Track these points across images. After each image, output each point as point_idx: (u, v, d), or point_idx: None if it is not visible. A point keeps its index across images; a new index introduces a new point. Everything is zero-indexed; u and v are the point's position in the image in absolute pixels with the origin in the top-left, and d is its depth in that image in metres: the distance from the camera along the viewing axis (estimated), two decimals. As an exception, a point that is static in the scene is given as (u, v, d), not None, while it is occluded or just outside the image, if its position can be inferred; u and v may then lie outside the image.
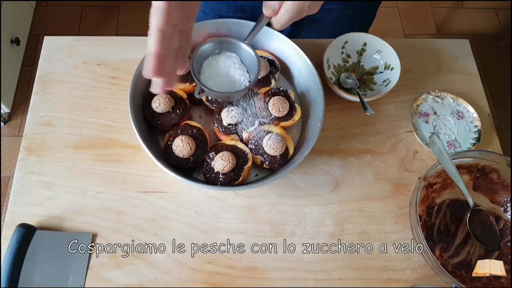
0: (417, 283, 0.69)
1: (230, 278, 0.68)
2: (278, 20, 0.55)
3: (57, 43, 0.85)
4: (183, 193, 0.73)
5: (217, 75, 0.64)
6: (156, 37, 0.49)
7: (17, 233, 0.66)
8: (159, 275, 0.67)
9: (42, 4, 1.98)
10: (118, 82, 0.81)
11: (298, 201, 0.74)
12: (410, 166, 0.78)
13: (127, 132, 0.77)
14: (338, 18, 0.90)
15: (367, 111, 0.75)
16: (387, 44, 0.81)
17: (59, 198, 0.72)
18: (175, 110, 0.72)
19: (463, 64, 0.88)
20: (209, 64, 0.64)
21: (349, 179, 0.76)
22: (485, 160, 0.72)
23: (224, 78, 0.64)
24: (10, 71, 1.71)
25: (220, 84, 0.63)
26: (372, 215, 0.73)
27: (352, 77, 0.83)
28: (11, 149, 1.66)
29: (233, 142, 0.71)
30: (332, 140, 0.79)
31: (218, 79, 0.63)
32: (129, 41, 0.86)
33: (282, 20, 0.54)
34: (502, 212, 0.73)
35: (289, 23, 0.55)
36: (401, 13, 2.08)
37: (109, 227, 0.70)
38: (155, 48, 0.49)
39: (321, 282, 0.68)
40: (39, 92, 0.80)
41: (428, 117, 0.81)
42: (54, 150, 0.75)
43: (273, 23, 0.56)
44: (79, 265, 0.67)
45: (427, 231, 0.71)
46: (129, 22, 1.93)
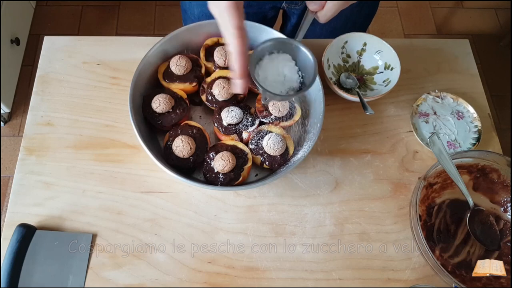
0: (417, 283, 0.69)
1: (230, 278, 0.68)
2: (324, 14, 0.56)
3: (57, 43, 0.85)
4: (183, 193, 0.73)
5: (272, 75, 0.62)
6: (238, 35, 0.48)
7: (17, 233, 0.66)
8: (159, 275, 0.67)
9: (42, 4, 1.99)
10: (118, 82, 0.81)
11: (298, 201, 0.74)
12: (410, 166, 0.78)
13: (127, 132, 0.77)
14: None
15: (367, 111, 0.75)
16: (387, 44, 0.81)
17: (59, 198, 0.72)
18: (175, 110, 0.72)
19: (463, 64, 0.88)
20: (264, 65, 0.62)
21: (349, 179, 0.76)
22: (485, 160, 0.72)
23: (278, 79, 0.62)
24: (10, 71, 1.71)
25: (274, 85, 0.61)
26: (372, 215, 0.73)
27: (352, 77, 0.83)
28: (11, 149, 1.66)
29: (233, 142, 0.71)
30: (332, 140, 0.79)
31: (272, 79, 0.62)
32: (129, 41, 0.86)
33: (329, 13, 0.56)
34: (502, 212, 0.73)
35: (335, 15, 0.56)
36: (401, 13, 2.08)
37: (109, 227, 0.70)
38: (240, 46, 0.49)
39: (321, 282, 0.68)
40: (39, 92, 0.80)
41: (428, 117, 0.81)
42: (54, 150, 0.75)
43: (319, 16, 0.57)
44: (79, 265, 0.67)
45: (427, 231, 0.71)
46: (129, 22, 1.93)
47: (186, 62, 0.74)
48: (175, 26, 0.74)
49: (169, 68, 0.75)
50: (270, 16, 0.94)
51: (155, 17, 1.94)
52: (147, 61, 0.73)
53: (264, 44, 0.59)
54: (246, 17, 0.52)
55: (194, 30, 0.77)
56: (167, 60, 0.76)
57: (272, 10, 0.92)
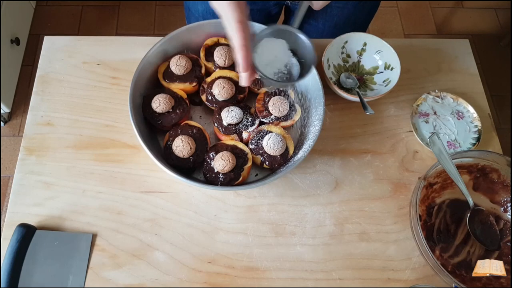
0: (417, 283, 0.69)
1: (230, 278, 0.68)
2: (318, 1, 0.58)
3: (57, 43, 0.85)
4: (183, 193, 0.73)
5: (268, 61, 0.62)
6: (240, 28, 0.49)
7: (17, 233, 0.66)
8: (159, 275, 0.67)
9: (42, 4, 1.98)
10: (118, 82, 0.81)
11: (298, 201, 0.74)
12: (410, 166, 0.78)
13: (127, 132, 0.77)
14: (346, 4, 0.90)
15: (367, 111, 0.75)
16: (387, 44, 0.81)
17: (59, 198, 0.72)
18: (175, 110, 0.72)
19: (463, 64, 0.88)
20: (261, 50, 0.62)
21: (349, 179, 0.76)
22: (485, 160, 0.72)
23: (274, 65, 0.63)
24: (10, 71, 1.71)
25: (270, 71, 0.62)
26: (372, 215, 0.73)
27: (352, 77, 0.83)
28: (11, 149, 1.66)
29: (233, 142, 0.71)
30: (332, 140, 0.79)
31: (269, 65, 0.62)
32: (129, 41, 0.86)
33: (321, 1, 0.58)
34: (502, 212, 0.73)
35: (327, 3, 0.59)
36: (401, 13, 2.08)
37: (109, 227, 0.70)
38: (242, 39, 0.50)
39: (321, 282, 0.68)
40: (39, 92, 0.80)
41: (428, 117, 0.81)
42: (54, 150, 0.75)
43: (313, 3, 0.59)
44: (79, 265, 0.67)
45: (427, 231, 0.71)
46: (129, 22, 1.93)
47: (186, 62, 0.74)
48: (175, 26, 0.74)
49: (169, 68, 0.75)
50: (274, 12, 0.95)
51: (155, 17, 1.94)
52: (147, 61, 0.73)
53: (262, 33, 0.59)
54: (251, 13, 0.53)
55: (194, 30, 0.77)
56: (167, 60, 0.76)
57: (276, 7, 0.93)
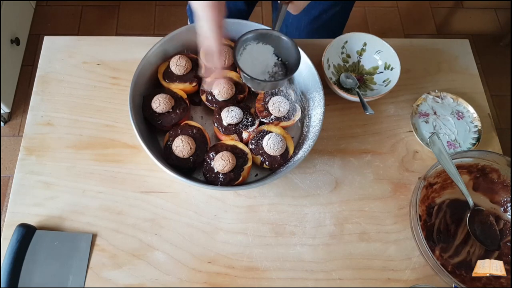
0: (417, 283, 0.69)
1: (230, 278, 0.68)
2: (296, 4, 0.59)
3: (57, 43, 0.85)
4: (183, 193, 0.73)
5: (253, 65, 0.64)
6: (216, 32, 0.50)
7: (17, 233, 0.66)
8: (159, 275, 0.67)
9: (42, 4, 1.98)
10: (118, 82, 0.81)
11: (298, 201, 0.74)
12: (410, 166, 0.78)
13: (127, 132, 0.77)
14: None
15: (367, 111, 0.75)
16: (387, 44, 0.81)
17: (59, 198, 0.72)
18: (175, 110, 0.72)
19: (463, 64, 0.88)
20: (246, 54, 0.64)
21: (349, 179, 0.76)
22: (485, 160, 0.72)
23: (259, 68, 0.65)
24: (10, 71, 1.70)
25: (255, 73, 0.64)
26: (372, 215, 0.73)
27: (352, 77, 0.83)
28: (11, 149, 1.66)
29: (233, 142, 0.71)
30: (332, 140, 0.79)
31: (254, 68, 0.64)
32: (129, 41, 0.86)
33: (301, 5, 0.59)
34: (502, 212, 0.73)
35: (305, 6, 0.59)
36: (401, 13, 2.08)
37: (109, 227, 0.70)
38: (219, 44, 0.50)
39: (321, 282, 0.68)
40: (39, 92, 0.80)
41: (428, 117, 0.81)
42: (54, 150, 0.75)
43: (291, 8, 0.60)
44: (79, 265, 0.67)
45: (427, 231, 0.71)
46: (129, 22, 1.93)
47: (186, 62, 0.74)
48: (175, 26, 0.74)
49: (169, 68, 0.75)
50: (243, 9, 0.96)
51: (155, 17, 1.94)
52: (147, 61, 0.73)
53: (244, 37, 0.60)
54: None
55: (194, 30, 0.77)
56: (167, 60, 0.76)
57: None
